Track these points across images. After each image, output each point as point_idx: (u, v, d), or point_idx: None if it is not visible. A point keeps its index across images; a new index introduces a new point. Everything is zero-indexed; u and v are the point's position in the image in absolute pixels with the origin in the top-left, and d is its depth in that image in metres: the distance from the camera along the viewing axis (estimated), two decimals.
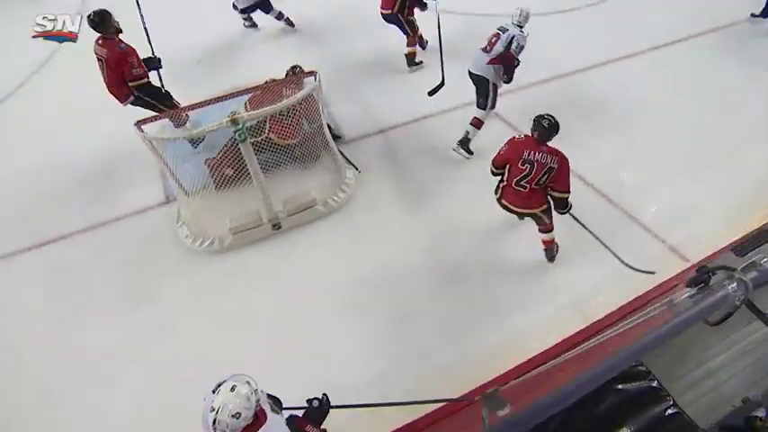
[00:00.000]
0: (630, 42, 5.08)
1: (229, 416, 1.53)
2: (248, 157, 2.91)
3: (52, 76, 4.95)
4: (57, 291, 3.18)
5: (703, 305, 1.08)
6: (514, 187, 2.93)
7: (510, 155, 2.91)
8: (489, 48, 3.63)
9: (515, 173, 2.88)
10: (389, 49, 4.98)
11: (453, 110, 4.34)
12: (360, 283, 3.13)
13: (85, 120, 4.38)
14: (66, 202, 3.75)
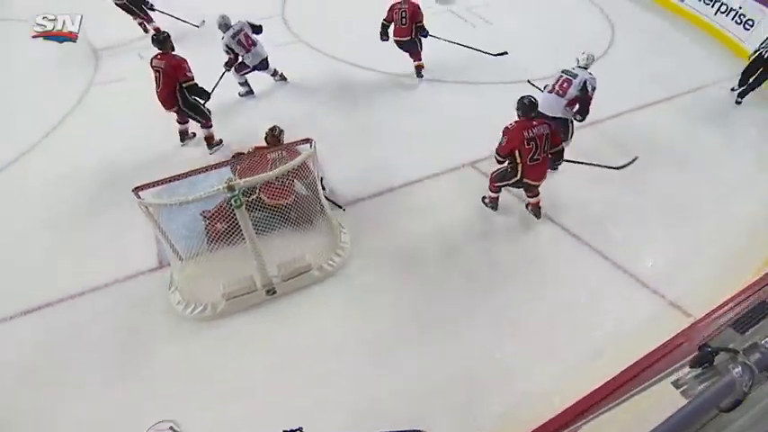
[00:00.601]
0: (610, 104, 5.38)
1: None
2: (243, 223, 2.92)
3: (57, 140, 5.06)
4: (44, 358, 3.08)
5: (712, 392, 1.06)
6: (530, 164, 3.41)
7: (514, 143, 3.36)
8: (562, 92, 3.98)
9: (526, 153, 3.35)
10: (382, 114, 5.23)
11: (442, 174, 4.48)
12: (355, 348, 3.08)
13: (84, 184, 4.44)
14: (56, 267, 3.69)
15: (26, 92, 5.90)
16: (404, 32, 5.50)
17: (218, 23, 5.03)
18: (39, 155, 4.84)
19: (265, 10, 7.65)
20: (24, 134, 5.03)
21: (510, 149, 3.38)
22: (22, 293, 3.47)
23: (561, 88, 4.00)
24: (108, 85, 5.89)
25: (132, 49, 6.60)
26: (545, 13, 7.80)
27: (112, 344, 3.15)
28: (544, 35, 7.06)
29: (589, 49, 4.26)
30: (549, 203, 4.10)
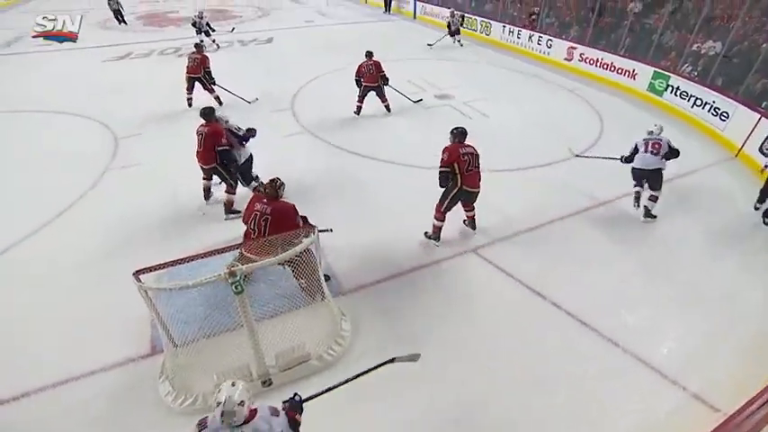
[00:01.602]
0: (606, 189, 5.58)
1: (236, 405, 1.90)
2: (243, 309, 2.84)
3: (67, 222, 5.14)
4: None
5: None
6: (467, 173, 4.30)
7: (453, 156, 4.26)
8: (656, 151, 4.95)
9: (462, 164, 4.26)
10: (383, 200, 5.39)
11: (444, 260, 4.49)
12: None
13: (86, 265, 4.42)
14: (42, 352, 3.51)
15: (41, 173, 6.14)
16: (373, 80, 7.58)
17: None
18: (46, 236, 4.88)
19: (280, 104, 8.35)
20: (35, 214, 5.14)
21: (450, 161, 4.26)
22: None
23: (654, 148, 4.99)
24: (123, 170, 6.16)
25: (151, 137, 7.04)
26: (537, 107, 8.46)
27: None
28: (537, 126, 7.57)
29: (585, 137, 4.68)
30: (552, 285, 4.06)
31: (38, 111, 8.35)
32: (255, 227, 3.57)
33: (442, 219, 4.56)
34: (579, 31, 11.65)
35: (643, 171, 5.01)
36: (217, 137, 4.85)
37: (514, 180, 5.89)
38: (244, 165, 5.23)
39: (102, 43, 13.27)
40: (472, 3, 15.65)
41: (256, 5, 21.61)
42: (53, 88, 9.67)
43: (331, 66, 10.40)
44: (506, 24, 13.04)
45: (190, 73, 8.01)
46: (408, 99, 8.51)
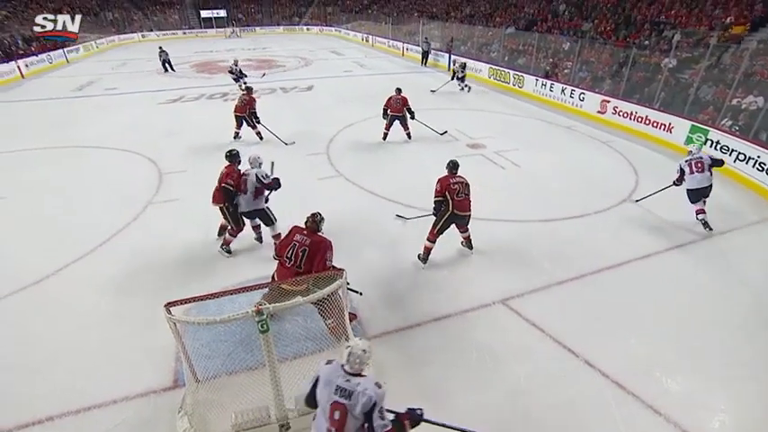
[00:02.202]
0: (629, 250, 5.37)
1: (360, 350, 2.33)
2: (267, 349, 2.83)
3: (108, 251, 5.40)
4: None
5: None
6: (457, 199, 4.83)
7: (444, 185, 4.87)
8: (702, 168, 5.60)
9: (453, 192, 4.83)
10: (411, 246, 5.34)
11: (471, 310, 4.36)
12: None
13: (123, 294, 4.59)
14: (69, 377, 3.59)
15: (94, 203, 6.57)
16: (398, 110, 8.87)
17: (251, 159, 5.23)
18: (89, 263, 5.13)
19: (316, 147, 8.71)
20: (83, 242, 5.45)
21: (442, 191, 4.85)
22: (26, 402, 3.36)
23: (698, 167, 5.65)
24: (164, 204, 6.50)
25: (193, 174, 7.44)
26: (571, 159, 8.40)
27: None
28: (569, 177, 7.49)
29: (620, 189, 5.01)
30: (586, 342, 3.85)
31: (98, 147, 9.11)
32: (292, 256, 3.67)
33: (433, 241, 4.98)
34: (612, 84, 11.75)
35: (699, 190, 5.69)
36: (227, 177, 4.97)
37: (545, 231, 5.79)
38: (249, 212, 5.17)
39: (158, 88, 14.45)
40: (505, 57, 16.17)
41: (300, 56, 23.14)
42: (113, 127, 10.58)
43: (366, 114, 10.85)
44: (539, 78, 13.33)
45: (236, 112, 8.90)
46: (434, 131, 9.58)
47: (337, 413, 2.25)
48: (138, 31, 34.42)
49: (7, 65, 17.09)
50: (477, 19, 22.21)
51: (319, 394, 2.35)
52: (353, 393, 2.26)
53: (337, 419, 2.25)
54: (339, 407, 2.25)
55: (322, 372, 2.40)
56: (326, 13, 39.48)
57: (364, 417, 2.24)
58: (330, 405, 2.28)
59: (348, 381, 2.30)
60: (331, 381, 2.32)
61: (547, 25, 17.78)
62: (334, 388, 2.29)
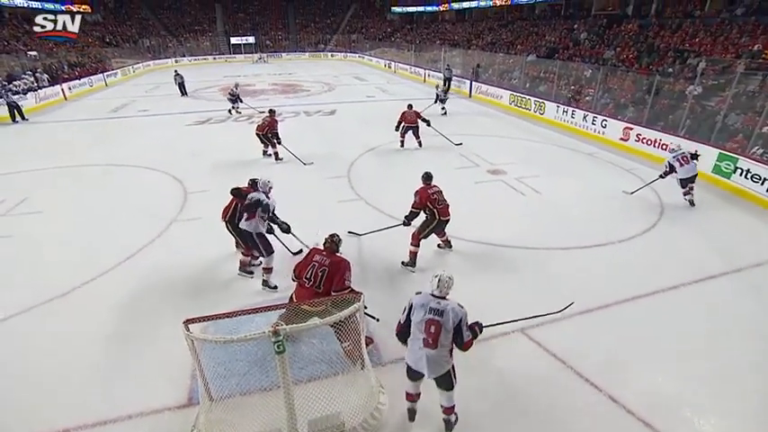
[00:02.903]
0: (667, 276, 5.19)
1: (447, 277, 3.04)
2: (282, 370, 2.81)
3: (131, 267, 5.53)
4: None
5: None
6: (439, 207, 5.23)
7: (423, 196, 5.23)
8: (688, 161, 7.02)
9: (434, 202, 5.20)
10: (428, 274, 5.30)
11: (492, 337, 4.20)
12: None
13: (142, 309, 4.67)
14: (86, 390, 3.65)
15: (121, 219, 6.81)
16: (412, 121, 10.25)
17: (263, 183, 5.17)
18: (111, 278, 5.27)
19: (336, 170, 8.86)
20: (108, 257, 5.63)
21: (421, 203, 5.19)
22: (42, 414, 3.41)
23: (685, 160, 7.01)
24: (187, 223, 6.66)
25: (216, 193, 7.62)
26: (592, 186, 8.28)
27: None
28: (591, 204, 7.37)
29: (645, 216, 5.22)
30: (610, 376, 3.69)
31: (129, 165, 9.50)
32: (312, 276, 3.71)
33: (417, 245, 5.36)
34: (635, 111, 11.65)
35: (689, 178, 7.07)
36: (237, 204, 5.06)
37: (567, 259, 5.67)
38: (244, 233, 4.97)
39: (186, 110, 15.04)
40: (526, 84, 16.28)
41: (324, 81, 23.80)
42: (143, 147, 11.04)
43: (388, 138, 11.00)
44: (560, 104, 13.33)
45: (257, 130, 9.30)
46: (450, 141, 10.64)
47: (433, 327, 2.95)
48: (172, 57, 36.16)
49: (53, 88, 18.25)
50: (499, 46, 22.57)
51: (414, 317, 3.03)
52: (444, 312, 2.95)
53: (433, 332, 2.94)
54: (434, 323, 2.95)
55: (415, 300, 3.09)
56: (351, 41, 40.75)
57: (454, 329, 2.93)
58: (425, 322, 2.97)
59: (439, 303, 3.00)
60: (424, 304, 3.02)
61: (568, 53, 17.92)
62: (427, 309, 2.99)
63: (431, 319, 2.95)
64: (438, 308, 2.96)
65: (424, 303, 3.02)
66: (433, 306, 2.98)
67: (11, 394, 3.63)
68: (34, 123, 14.21)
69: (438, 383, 3.10)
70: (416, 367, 3.04)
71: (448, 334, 2.94)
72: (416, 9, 37.79)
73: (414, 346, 3.03)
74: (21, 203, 7.47)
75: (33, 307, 4.71)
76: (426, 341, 2.95)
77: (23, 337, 4.30)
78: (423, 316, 2.98)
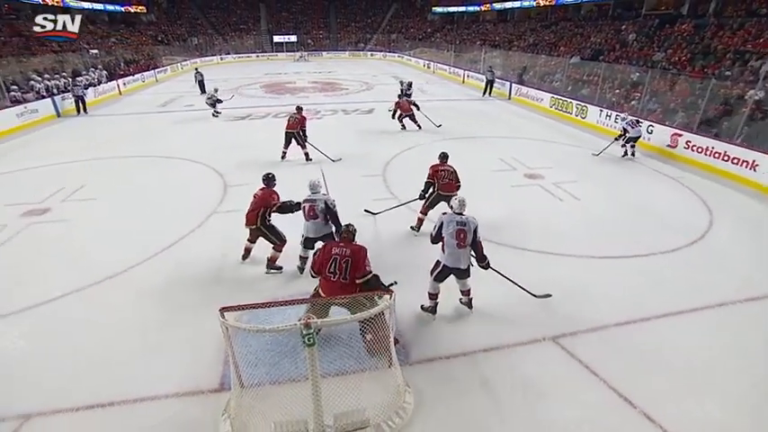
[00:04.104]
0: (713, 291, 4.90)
1: (462, 198, 4.33)
2: (311, 362, 2.88)
3: (171, 254, 5.81)
4: None
5: None
6: (443, 182, 6.07)
7: (432, 172, 6.12)
8: (636, 125, 9.56)
9: (439, 177, 6.09)
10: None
11: (520, 345, 4.17)
12: None
13: (181, 294, 4.89)
14: (125, 368, 3.86)
15: (165, 209, 7.16)
16: (407, 109, 11.96)
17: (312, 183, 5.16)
18: (153, 264, 5.56)
19: (372, 169, 8.93)
20: (148, 246, 5.92)
21: (432, 176, 6.10)
22: (91, 386, 3.65)
23: (633, 124, 9.71)
24: (226, 215, 6.91)
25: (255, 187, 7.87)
26: (634, 194, 7.94)
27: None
28: (634, 213, 7.06)
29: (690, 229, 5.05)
30: (644, 392, 3.51)
31: (174, 158, 10.00)
32: (336, 269, 3.78)
33: (425, 213, 6.27)
34: (685, 117, 11.04)
35: (635, 138, 9.76)
36: (269, 198, 5.17)
37: (605, 268, 5.46)
38: (319, 238, 5.03)
39: (229, 106, 15.56)
40: (569, 87, 15.78)
41: (363, 80, 24.00)
42: (188, 140, 11.59)
43: (424, 139, 10.97)
44: (603, 108, 12.83)
45: (288, 128, 9.29)
46: (432, 123, 12.41)
47: (462, 234, 4.16)
48: (218, 55, 37.54)
49: (110, 84, 19.62)
50: (541, 48, 21.97)
51: (444, 230, 4.21)
52: (467, 222, 4.19)
53: (462, 237, 4.15)
54: (462, 231, 4.17)
55: (444, 218, 4.28)
56: (390, 40, 40.86)
57: (474, 234, 4.16)
58: (456, 231, 4.17)
59: (461, 216, 4.24)
60: (451, 221, 4.22)
61: (614, 55, 17.21)
62: (455, 222, 4.19)
63: (460, 229, 4.17)
64: (462, 220, 4.20)
65: (451, 220, 4.22)
66: (459, 220, 4.21)
67: (61, 365, 3.90)
68: (93, 116, 15.21)
69: (461, 275, 4.31)
70: (453, 264, 4.22)
71: (470, 237, 4.16)
72: (457, 9, 37.36)
73: (450, 250, 4.19)
74: (78, 190, 8.01)
75: (84, 287, 5.03)
76: (459, 244, 4.16)
77: (74, 315, 4.61)
78: (453, 227, 4.17)
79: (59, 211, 7.13)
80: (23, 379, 3.74)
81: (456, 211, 4.27)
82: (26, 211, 7.11)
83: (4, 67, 14.94)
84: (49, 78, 16.19)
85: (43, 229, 6.51)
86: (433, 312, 4.51)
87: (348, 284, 3.75)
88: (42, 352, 4.08)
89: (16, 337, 4.31)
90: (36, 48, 20.91)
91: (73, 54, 20.86)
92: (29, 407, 3.44)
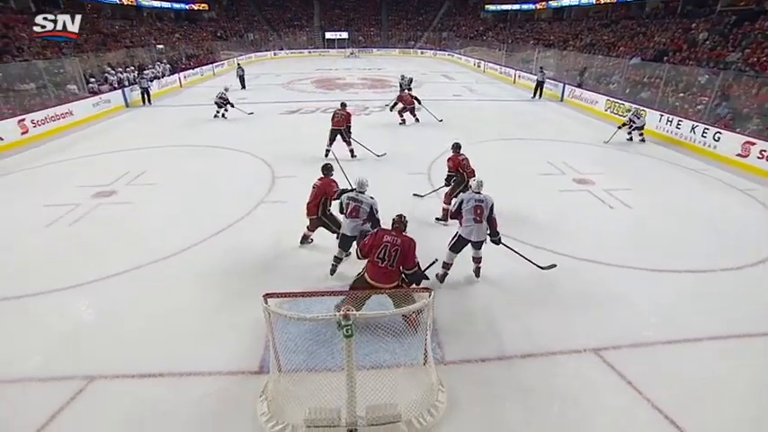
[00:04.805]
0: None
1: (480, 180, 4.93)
2: (348, 353, 2.95)
3: (221, 240, 6.11)
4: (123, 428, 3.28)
5: None
6: (468, 171, 6.40)
7: (455, 163, 6.42)
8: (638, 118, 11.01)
9: (464, 166, 6.41)
10: (496, 280, 5.19)
11: (560, 353, 4.04)
12: None
13: (231, 279, 5.15)
14: (176, 344, 4.12)
15: (217, 196, 7.55)
16: (410, 102, 12.50)
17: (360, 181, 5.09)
18: (204, 249, 5.87)
19: (417, 167, 8.94)
20: (201, 230, 6.28)
21: (455, 168, 6.42)
22: (145, 357, 3.94)
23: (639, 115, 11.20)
24: (273, 205, 7.19)
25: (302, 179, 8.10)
26: (695, 206, 7.44)
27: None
28: (692, 225, 6.62)
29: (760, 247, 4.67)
30: (692, 416, 3.30)
31: (226, 148, 10.51)
32: (386, 256, 3.93)
33: (448, 203, 6.39)
34: (761, 124, 10.16)
35: (641, 127, 11.21)
36: (328, 188, 5.37)
37: (656, 281, 5.17)
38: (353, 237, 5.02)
39: (280, 100, 16.10)
40: (627, 89, 14.97)
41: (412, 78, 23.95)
42: (240, 132, 12.12)
43: (471, 138, 10.81)
44: (664, 113, 12.06)
45: (334, 125, 9.40)
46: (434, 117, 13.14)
47: (479, 209, 4.72)
48: (272, 50, 38.81)
49: (172, 77, 21.02)
50: (598, 48, 20.96)
51: (464, 206, 4.78)
52: (484, 200, 4.75)
53: (479, 213, 4.71)
54: (480, 207, 4.73)
55: (464, 196, 4.87)
56: (441, 38, 40.48)
57: (490, 210, 4.73)
58: (474, 207, 4.72)
59: (479, 194, 4.80)
60: (470, 198, 4.79)
61: (681, 56, 16.09)
62: (474, 200, 4.75)
63: (477, 205, 4.73)
64: (480, 198, 4.77)
65: (470, 197, 4.80)
66: (477, 198, 4.77)
67: (122, 335, 4.24)
68: (156, 107, 16.30)
69: (476, 246, 4.89)
70: (468, 237, 4.77)
71: (486, 213, 4.73)
72: (511, 7, 36.41)
73: (467, 224, 4.75)
74: (140, 175, 8.62)
75: (144, 265, 5.42)
76: (476, 219, 4.71)
77: (134, 290, 4.97)
78: (472, 204, 4.74)
79: (124, 194, 7.70)
80: (90, 345, 4.11)
81: (475, 190, 4.83)
82: (96, 192, 7.75)
83: (85, 62, 16.26)
84: (121, 71, 17.52)
85: (110, 210, 7.06)
86: (441, 281, 4.99)
87: (394, 271, 3.95)
88: (107, 322, 4.45)
89: (86, 307, 4.75)
90: (111, 44, 22.61)
91: (141, 49, 22.40)
92: (93, 370, 3.78)
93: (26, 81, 13.30)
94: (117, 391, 3.61)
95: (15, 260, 5.59)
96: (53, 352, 4.02)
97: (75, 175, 8.71)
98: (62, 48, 17.98)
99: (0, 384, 3.68)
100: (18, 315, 4.57)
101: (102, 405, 3.48)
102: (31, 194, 7.70)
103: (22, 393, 3.59)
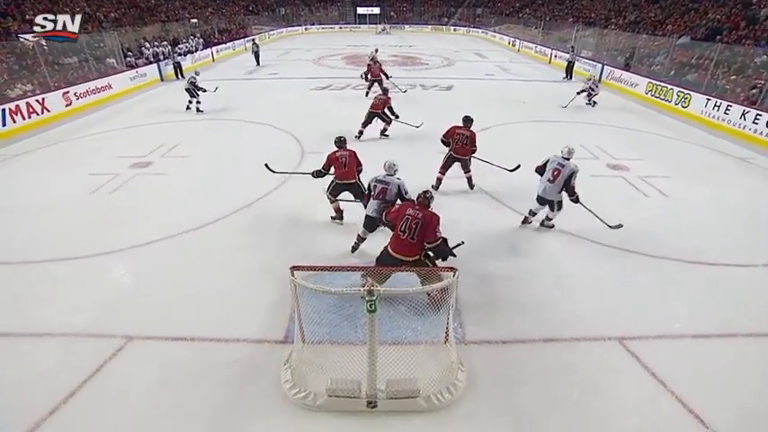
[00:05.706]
0: None
1: (570, 148, 5.46)
2: (371, 328, 3.00)
3: (250, 212, 6.27)
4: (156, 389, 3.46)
5: None
6: (457, 145, 6.70)
7: (450, 133, 6.76)
8: None
9: (455, 139, 6.68)
10: (535, 261, 5.14)
11: (582, 340, 3.99)
12: None
13: (262, 251, 5.29)
14: (207, 310, 4.30)
15: (248, 170, 7.62)
16: (377, 74, 12.58)
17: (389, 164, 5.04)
18: (235, 219, 6.06)
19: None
20: (232, 201, 6.48)
21: (448, 136, 6.74)
22: (175, 321, 4.14)
23: (596, 83, 12.60)
24: (301, 180, 7.24)
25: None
26: (741, 197, 7.05)
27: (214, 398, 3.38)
28: (734, 217, 6.32)
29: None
30: (720, 413, 3.22)
31: (258, 122, 10.66)
32: (407, 228, 4.00)
33: (443, 174, 6.96)
34: None
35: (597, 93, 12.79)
36: (357, 157, 5.73)
37: (689, 272, 4.99)
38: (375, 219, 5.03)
39: (311, 75, 16.06)
40: (671, 71, 14.14)
41: (443, 56, 23.39)
42: (271, 107, 12.26)
43: (502, 118, 10.54)
44: (711, 97, 11.36)
45: (373, 108, 9.35)
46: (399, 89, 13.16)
47: (556, 172, 5.31)
48: (303, 25, 38.53)
49: (205, 51, 21.35)
50: (643, 27, 19.75)
51: (549, 165, 5.42)
52: (565, 165, 5.29)
53: (555, 175, 5.31)
54: (558, 170, 5.31)
55: (551, 157, 5.48)
56: (475, 15, 39.09)
57: (568, 176, 5.26)
58: (553, 169, 5.36)
59: (563, 160, 5.34)
60: (554, 160, 5.41)
61: (737, 34, 14.98)
62: (557, 162, 5.34)
63: (556, 168, 5.32)
64: (562, 163, 5.31)
65: (555, 159, 5.39)
66: (560, 162, 5.33)
67: (159, 299, 4.46)
68: None
69: (544, 203, 5.55)
70: (542, 194, 5.49)
71: (562, 179, 5.27)
72: None
73: (543, 182, 5.46)
74: (174, 147, 8.90)
75: (179, 233, 5.65)
76: (551, 179, 5.36)
77: (170, 257, 5.21)
78: (554, 165, 5.36)
79: (160, 165, 7.98)
80: (129, 307, 4.35)
81: (564, 156, 5.33)
82: (133, 163, 8.06)
83: (123, 36, 16.65)
84: (157, 45, 17.85)
85: (146, 181, 7.35)
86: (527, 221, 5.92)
87: (416, 244, 3.99)
88: (145, 286, 4.70)
89: (125, 272, 5.01)
90: (147, 18, 22.95)
91: (176, 23, 22.67)
92: (132, 330, 4.02)
93: (69, 55, 13.77)
94: (152, 351, 3.83)
95: (66, 225, 5.93)
96: (99, 310, 4.30)
97: (114, 146, 9.06)
98: (102, 22, 18.43)
99: (48, 337, 3.97)
100: (68, 277, 4.87)
101: (138, 363, 3.70)
102: (75, 164, 8.08)
103: (69, 346, 3.87)
